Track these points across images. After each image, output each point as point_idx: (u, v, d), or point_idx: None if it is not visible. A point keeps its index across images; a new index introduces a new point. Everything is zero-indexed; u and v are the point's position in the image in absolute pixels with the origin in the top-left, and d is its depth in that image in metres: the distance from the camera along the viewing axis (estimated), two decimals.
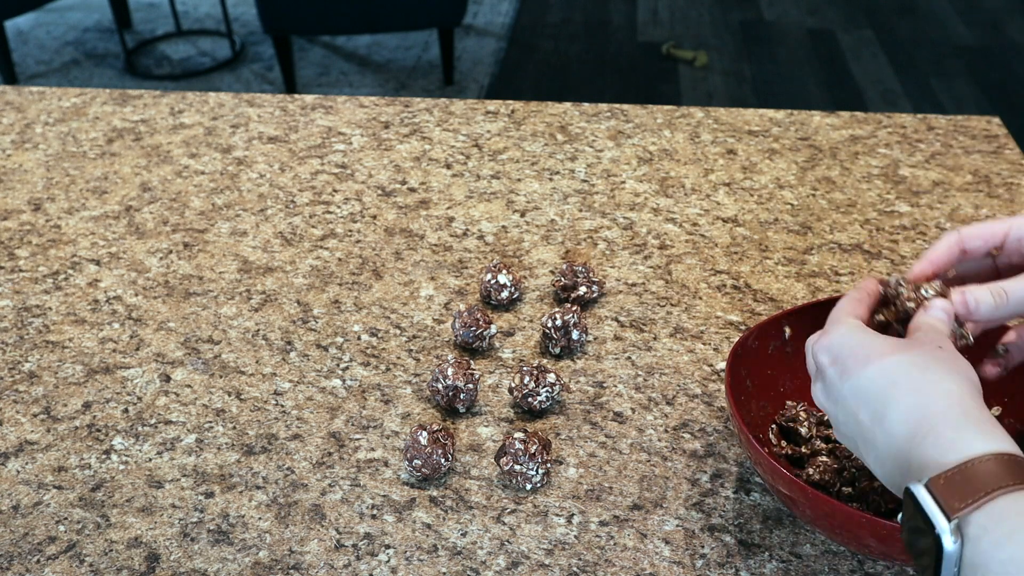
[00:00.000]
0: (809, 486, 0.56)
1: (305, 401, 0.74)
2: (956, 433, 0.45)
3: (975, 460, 0.43)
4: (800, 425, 0.67)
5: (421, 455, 0.65)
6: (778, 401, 0.69)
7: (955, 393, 0.47)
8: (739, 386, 0.65)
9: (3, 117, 1.17)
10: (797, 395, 0.69)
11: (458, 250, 0.91)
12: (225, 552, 0.63)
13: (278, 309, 0.84)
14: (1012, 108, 2.91)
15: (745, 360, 0.66)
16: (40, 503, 0.67)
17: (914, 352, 0.49)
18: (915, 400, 0.47)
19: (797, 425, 0.67)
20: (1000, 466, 0.42)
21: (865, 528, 0.53)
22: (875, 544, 0.54)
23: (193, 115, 1.16)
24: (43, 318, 0.84)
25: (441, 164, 1.05)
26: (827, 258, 0.89)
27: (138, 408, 0.74)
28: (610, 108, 1.15)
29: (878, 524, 0.51)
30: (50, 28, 3.60)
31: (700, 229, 0.93)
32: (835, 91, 3.05)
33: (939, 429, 0.45)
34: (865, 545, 0.55)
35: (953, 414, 0.46)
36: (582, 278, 0.82)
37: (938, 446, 0.44)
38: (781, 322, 0.68)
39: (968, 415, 0.45)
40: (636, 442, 0.70)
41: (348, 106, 1.17)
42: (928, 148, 1.06)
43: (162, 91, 1.22)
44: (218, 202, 0.99)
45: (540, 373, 0.71)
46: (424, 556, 0.62)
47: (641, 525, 0.64)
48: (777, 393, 0.69)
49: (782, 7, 3.64)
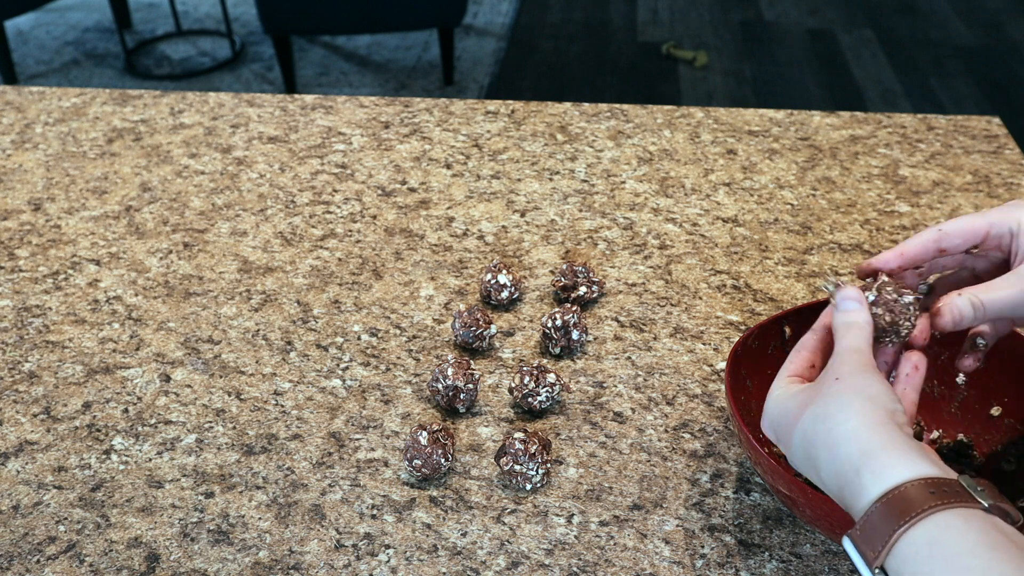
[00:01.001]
0: (809, 486, 0.56)
1: (305, 401, 0.74)
2: (859, 478, 0.44)
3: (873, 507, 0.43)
4: None
5: (421, 455, 0.65)
6: None
7: (852, 433, 0.46)
8: (739, 386, 0.65)
9: (3, 117, 1.17)
10: None
11: (458, 250, 0.91)
12: (225, 552, 0.63)
13: (278, 309, 0.84)
14: (1012, 108, 2.91)
15: (745, 360, 0.66)
16: (40, 503, 0.67)
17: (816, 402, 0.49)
18: (828, 454, 0.47)
19: None
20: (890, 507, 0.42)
21: None
22: None
23: (193, 115, 1.16)
24: (43, 318, 0.84)
25: (441, 164, 1.05)
26: (827, 258, 0.89)
27: (138, 408, 0.74)
28: (610, 108, 1.15)
29: None
30: (50, 28, 3.60)
31: (700, 229, 0.93)
32: (835, 91, 3.05)
33: (849, 476, 0.45)
34: None
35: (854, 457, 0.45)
36: (582, 278, 0.82)
37: (854, 495, 0.45)
38: (781, 322, 0.68)
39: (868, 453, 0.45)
40: (636, 442, 0.70)
41: (348, 106, 1.17)
42: (928, 148, 1.06)
43: (162, 91, 1.22)
44: (218, 202, 0.99)
45: (540, 373, 0.71)
46: (424, 556, 0.62)
47: (641, 525, 0.64)
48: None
49: (782, 7, 3.64)
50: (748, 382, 0.66)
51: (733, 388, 0.63)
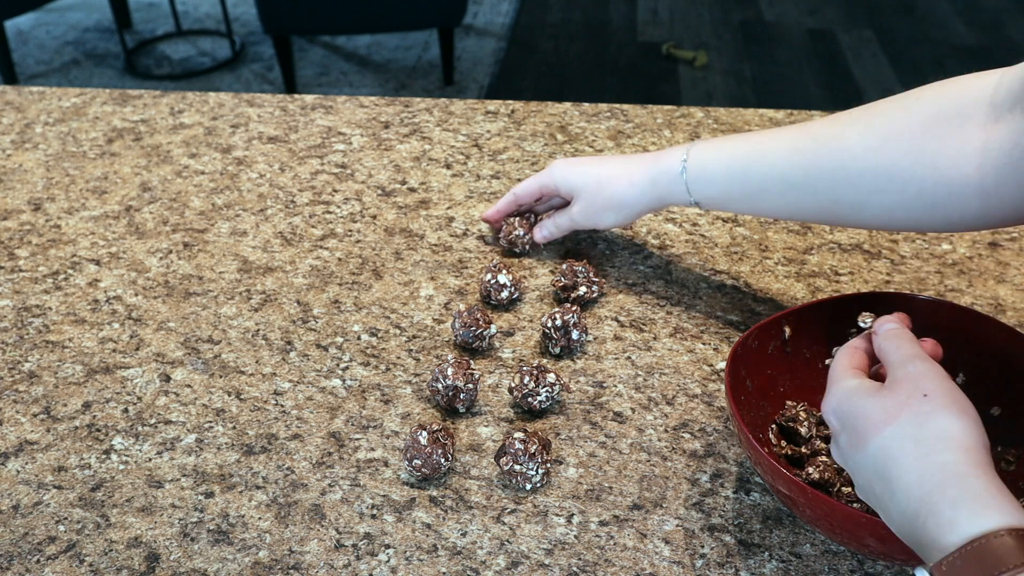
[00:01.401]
0: (809, 486, 0.56)
1: (305, 401, 0.74)
2: (954, 511, 0.44)
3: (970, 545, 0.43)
4: (800, 425, 0.67)
5: (421, 455, 0.65)
6: (778, 401, 0.69)
7: (951, 464, 0.46)
8: (739, 386, 0.65)
9: (3, 117, 1.17)
10: (797, 395, 0.69)
11: (458, 250, 0.91)
12: (225, 552, 0.63)
13: (278, 309, 0.84)
14: None
15: (745, 360, 0.66)
16: (40, 503, 0.67)
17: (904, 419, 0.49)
18: (914, 478, 0.47)
19: (797, 425, 0.67)
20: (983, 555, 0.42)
21: (865, 528, 0.53)
22: (875, 544, 0.54)
23: (193, 115, 1.16)
24: (43, 318, 0.84)
25: (441, 164, 1.05)
26: (827, 258, 0.89)
27: (138, 408, 0.74)
28: (610, 108, 1.15)
29: (878, 524, 0.51)
30: (50, 28, 3.60)
31: (700, 229, 0.93)
32: (835, 91, 3.05)
33: (939, 508, 0.45)
34: (865, 545, 0.55)
35: (950, 490, 0.45)
36: (582, 278, 0.82)
37: (939, 527, 0.44)
38: (781, 322, 0.68)
39: (965, 486, 0.45)
40: (636, 442, 0.70)
41: (348, 106, 1.17)
42: None
43: (162, 91, 1.22)
44: (218, 202, 0.99)
45: (540, 373, 0.71)
46: (424, 556, 0.62)
47: (641, 525, 0.64)
48: (777, 393, 0.69)
49: (782, 7, 3.64)
50: (748, 382, 0.66)
51: (733, 388, 0.63)
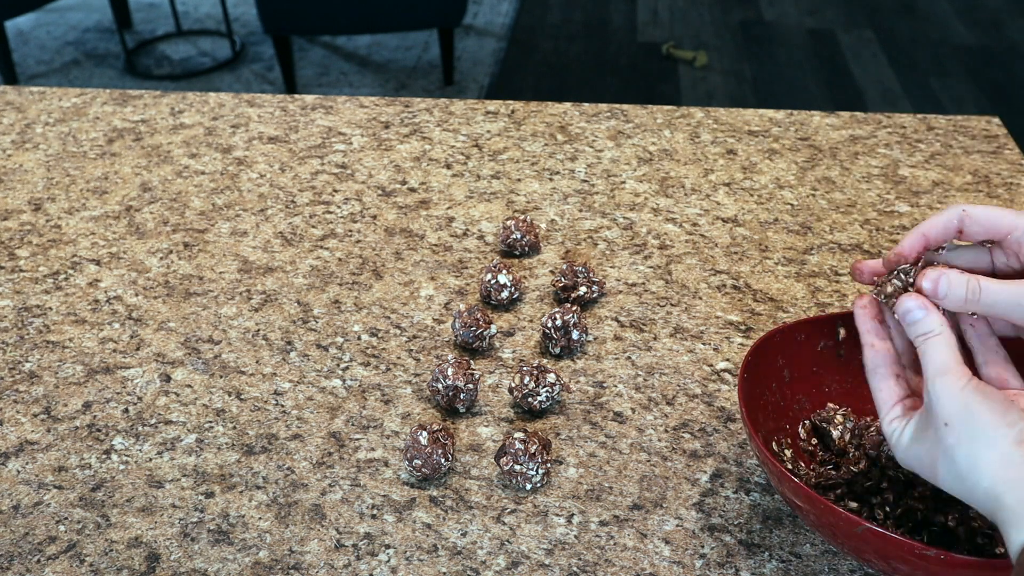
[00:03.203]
0: (813, 490, 0.56)
1: (305, 401, 0.74)
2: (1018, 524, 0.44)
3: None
4: (833, 427, 0.66)
5: (421, 455, 0.65)
6: (819, 399, 0.68)
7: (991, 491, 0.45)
8: (771, 373, 0.65)
9: (3, 117, 1.17)
10: (840, 399, 0.69)
11: (458, 250, 0.91)
12: (225, 552, 0.63)
13: (278, 309, 0.84)
14: (1012, 108, 2.91)
15: (786, 350, 0.65)
16: (40, 503, 0.67)
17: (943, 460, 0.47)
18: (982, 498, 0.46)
19: (830, 427, 0.66)
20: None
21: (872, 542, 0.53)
22: (876, 560, 0.54)
23: (193, 115, 1.16)
24: (43, 318, 0.84)
25: (441, 164, 1.05)
26: (827, 258, 0.89)
27: (138, 408, 0.74)
28: (610, 108, 1.15)
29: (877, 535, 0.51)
30: (50, 28, 3.60)
31: (700, 229, 0.93)
32: (835, 91, 3.05)
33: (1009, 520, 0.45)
34: (866, 560, 0.55)
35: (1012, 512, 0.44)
36: (582, 278, 0.82)
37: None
38: (836, 322, 0.67)
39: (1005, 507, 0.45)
40: (636, 442, 0.70)
41: (348, 106, 1.17)
42: (928, 148, 1.06)
43: (162, 91, 1.22)
44: (218, 202, 0.99)
45: (540, 373, 0.71)
46: (424, 556, 0.62)
47: (641, 525, 0.64)
48: (821, 392, 0.68)
49: (782, 7, 3.64)
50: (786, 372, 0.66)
51: (749, 369, 0.62)
